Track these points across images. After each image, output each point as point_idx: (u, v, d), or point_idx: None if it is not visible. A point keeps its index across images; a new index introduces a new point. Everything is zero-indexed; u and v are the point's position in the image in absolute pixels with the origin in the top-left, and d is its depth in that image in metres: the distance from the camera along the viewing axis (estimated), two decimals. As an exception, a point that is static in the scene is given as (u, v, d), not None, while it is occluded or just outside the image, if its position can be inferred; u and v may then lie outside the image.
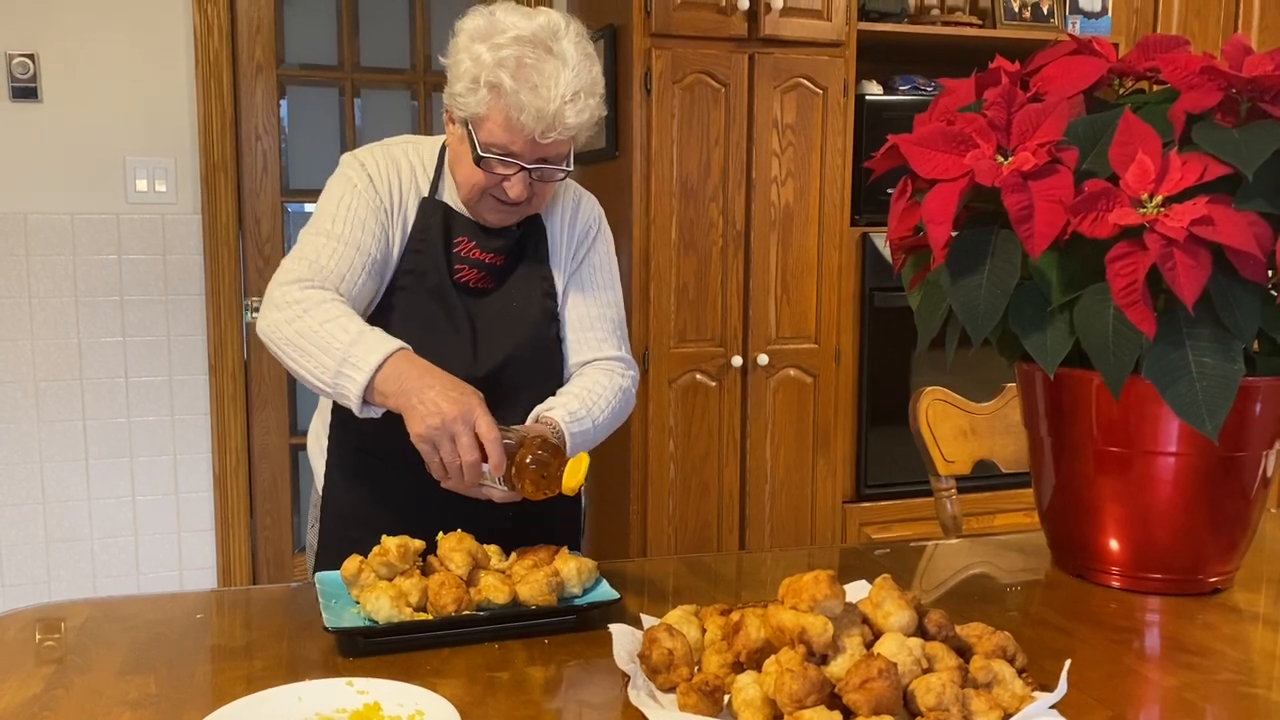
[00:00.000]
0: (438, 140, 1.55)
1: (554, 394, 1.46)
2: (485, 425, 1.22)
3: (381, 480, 1.50)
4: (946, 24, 3.16)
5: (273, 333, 1.35)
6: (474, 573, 1.18)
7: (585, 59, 1.38)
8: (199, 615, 1.23)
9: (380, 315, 1.45)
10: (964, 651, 0.99)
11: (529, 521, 1.41)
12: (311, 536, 1.62)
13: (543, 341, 1.52)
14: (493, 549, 1.25)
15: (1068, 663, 0.94)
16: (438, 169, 1.51)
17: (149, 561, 3.13)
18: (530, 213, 1.50)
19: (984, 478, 2.34)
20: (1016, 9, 3.23)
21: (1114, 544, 1.31)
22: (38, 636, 1.15)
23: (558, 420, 1.37)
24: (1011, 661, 0.98)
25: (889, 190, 1.33)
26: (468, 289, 1.48)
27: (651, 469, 2.92)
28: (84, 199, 2.99)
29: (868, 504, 3.16)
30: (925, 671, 0.92)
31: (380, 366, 1.26)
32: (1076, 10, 3.29)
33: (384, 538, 1.19)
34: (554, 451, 1.22)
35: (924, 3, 3.24)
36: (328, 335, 1.30)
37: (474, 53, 1.36)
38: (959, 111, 1.27)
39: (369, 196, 1.45)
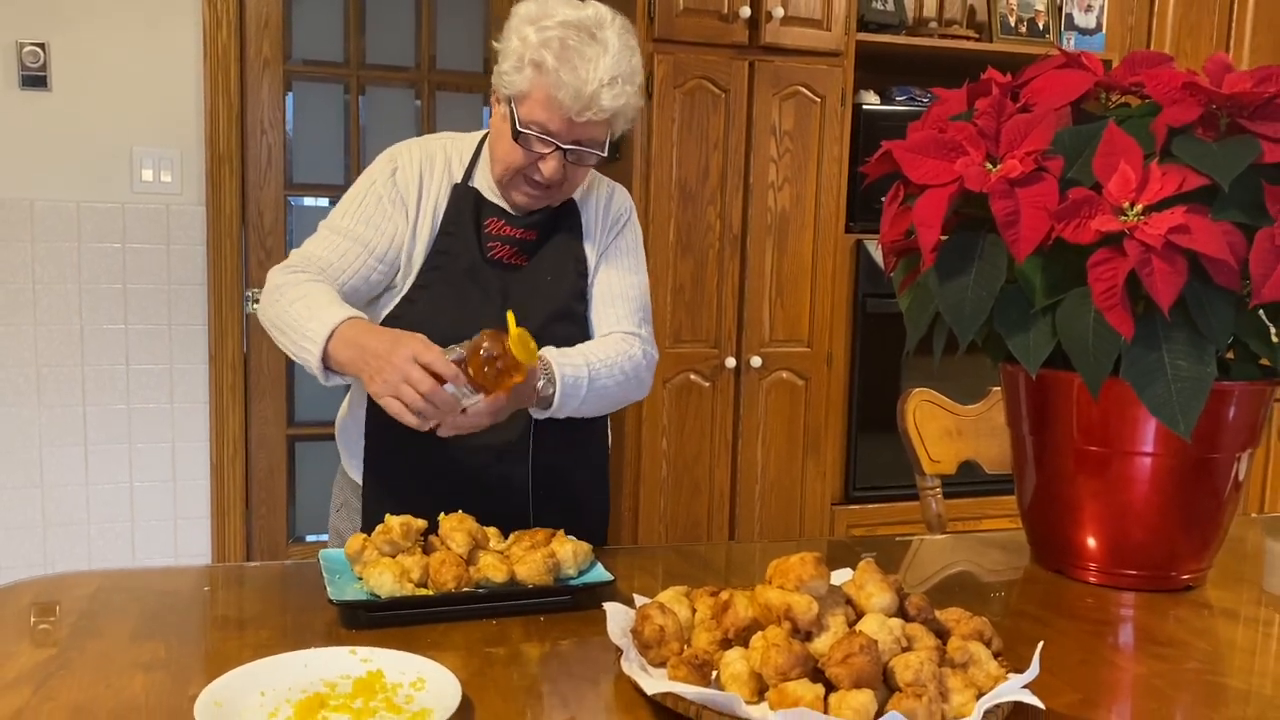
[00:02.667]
0: (478, 134, 1.62)
1: None
2: (423, 349, 1.27)
3: (423, 454, 1.50)
4: (944, 36, 3.22)
5: (260, 317, 1.45)
6: (474, 552, 1.22)
7: (627, 49, 1.45)
8: (205, 588, 1.27)
9: (415, 295, 1.52)
10: (942, 634, 1.03)
11: (558, 497, 1.53)
12: (337, 520, 1.66)
13: (573, 316, 1.57)
14: (492, 531, 1.29)
15: (1040, 644, 0.98)
16: (474, 158, 1.58)
17: (145, 547, 3.17)
18: (558, 199, 1.55)
19: (969, 482, 2.38)
20: (1013, 23, 3.29)
21: (1091, 541, 1.36)
22: (50, 603, 1.19)
23: (545, 353, 1.43)
24: (988, 645, 1.03)
25: (883, 199, 1.37)
26: (501, 264, 1.54)
27: (644, 466, 2.97)
28: (90, 187, 3.03)
29: (856, 506, 3.21)
30: (905, 650, 0.96)
31: (330, 336, 1.34)
32: (1072, 26, 3.35)
33: (387, 516, 1.23)
34: (494, 338, 1.27)
35: (922, 15, 3.29)
36: (294, 314, 1.38)
37: (523, 34, 1.44)
38: (950, 120, 1.31)
39: (386, 191, 1.52)
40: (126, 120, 3.04)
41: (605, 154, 1.49)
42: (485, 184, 1.56)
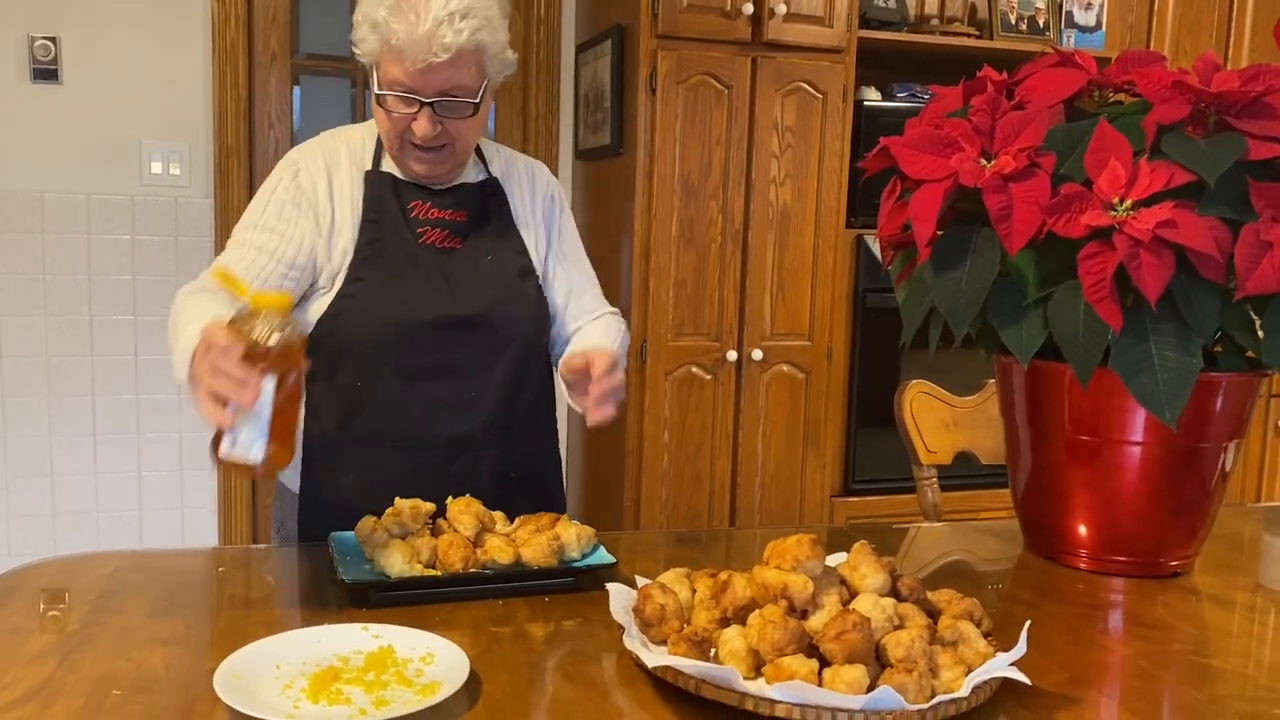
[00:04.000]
0: (372, 120, 1.58)
1: (548, 345, 1.60)
2: (216, 332, 1.09)
3: (364, 465, 1.50)
4: (945, 34, 3.25)
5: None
6: (481, 535, 1.26)
7: None
8: (220, 568, 1.31)
9: (352, 290, 1.48)
10: (933, 614, 1.06)
11: (515, 488, 1.53)
12: (278, 544, 1.59)
13: (522, 294, 1.56)
14: (498, 515, 1.32)
15: (1027, 623, 1.02)
16: (377, 145, 1.55)
17: (153, 536, 3.21)
18: (459, 161, 1.52)
19: (966, 475, 2.42)
20: (1013, 21, 3.32)
21: (1082, 528, 1.39)
22: (71, 582, 1.23)
23: (606, 345, 1.50)
24: (978, 625, 1.06)
25: (882, 194, 1.41)
26: (435, 249, 1.52)
27: (646, 458, 3.00)
28: (100, 180, 3.07)
29: (855, 498, 3.24)
30: (896, 628, 0.99)
31: (190, 364, 1.18)
32: (1072, 24, 3.37)
33: (397, 499, 1.27)
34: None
35: (924, 12, 3.32)
36: (172, 334, 1.32)
37: (365, 4, 1.43)
38: (947, 117, 1.35)
39: (289, 196, 1.49)
40: (136, 113, 3.07)
41: (479, 102, 1.44)
42: (395, 167, 1.54)
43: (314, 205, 1.49)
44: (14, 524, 3.10)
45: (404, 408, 1.49)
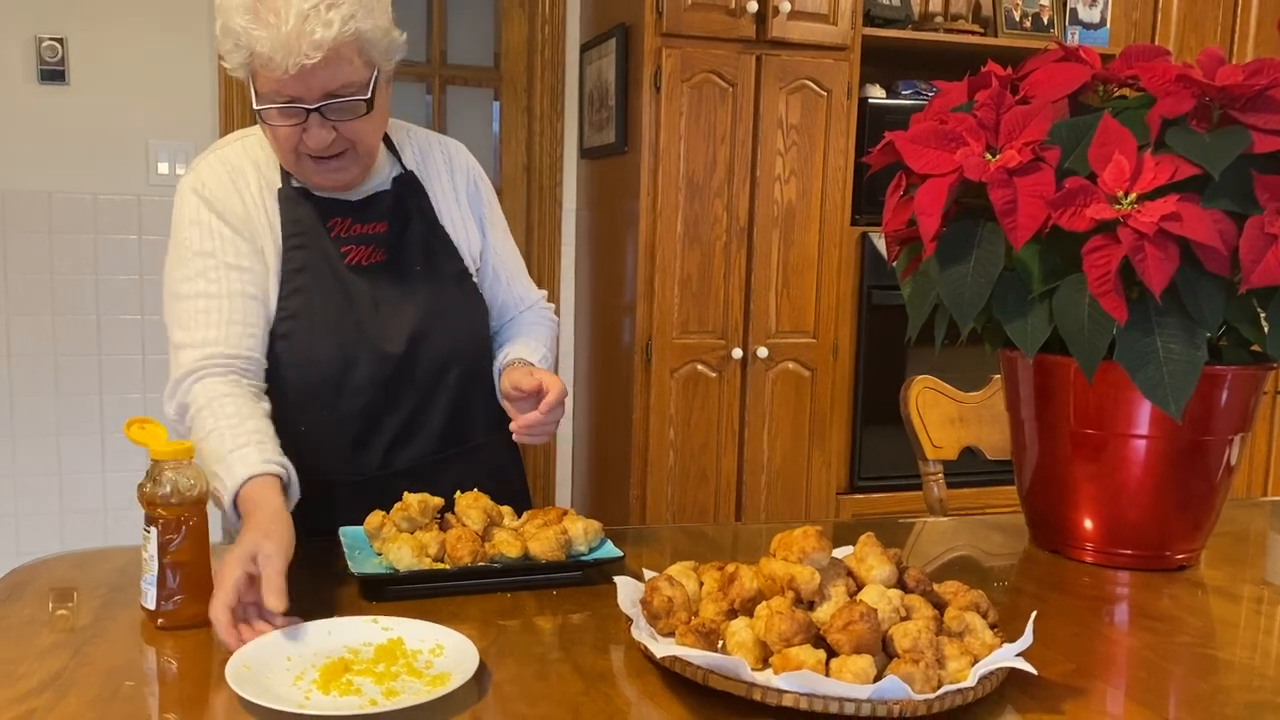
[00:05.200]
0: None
1: (484, 364, 1.51)
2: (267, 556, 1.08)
3: (326, 502, 1.40)
4: (949, 31, 3.25)
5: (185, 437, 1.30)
6: (489, 529, 1.26)
7: None
8: (230, 564, 1.31)
9: (285, 329, 1.39)
10: (940, 606, 1.07)
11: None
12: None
13: (459, 306, 1.48)
14: (506, 509, 1.33)
15: (1033, 614, 1.02)
16: None
17: (160, 534, 3.21)
18: (363, 164, 1.38)
19: (972, 472, 2.42)
20: (1018, 18, 3.32)
21: (1088, 521, 1.39)
22: (81, 577, 1.24)
23: (531, 360, 1.47)
24: (984, 616, 1.07)
25: (888, 190, 1.41)
26: (362, 269, 1.41)
27: (652, 456, 3.01)
28: (107, 180, 3.08)
29: (861, 495, 3.25)
30: (903, 619, 1.00)
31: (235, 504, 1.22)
32: (1076, 21, 3.38)
33: (405, 494, 1.27)
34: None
35: (928, 10, 3.33)
36: (203, 455, 1.24)
37: (220, 12, 1.28)
38: (951, 112, 1.35)
39: (215, 226, 1.36)
40: (143, 114, 3.09)
41: (370, 96, 1.30)
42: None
43: (238, 231, 1.37)
44: (23, 522, 3.12)
45: (354, 446, 1.43)
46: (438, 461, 1.48)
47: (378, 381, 1.41)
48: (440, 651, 1.02)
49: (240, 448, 1.23)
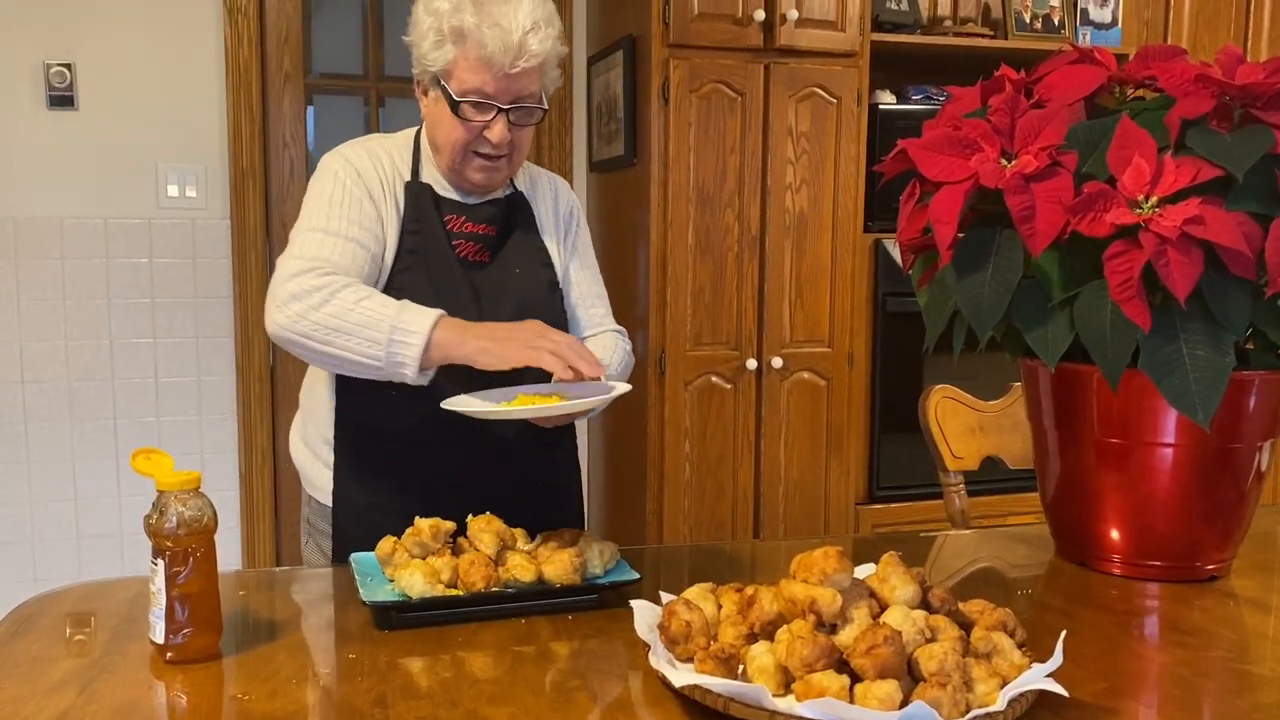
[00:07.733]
0: (409, 131, 1.62)
1: None
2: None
3: (397, 467, 1.53)
4: (959, 35, 3.22)
5: (297, 322, 1.35)
6: (502, 553, 1.24)
7: None
8: (240, 592, 1.29)
9: (389, 293, 1.45)
10: (966, 626, 1.04)
11: (537, 495, 1.53)
12: (310, 551, 1.63)
13: (547, 308, 1.57)
14: (519, 531, 1.31)
15: (1063, 634, 1.00)
16: (415, 155, 1.57)
17: (176, 558, 3.20)
18: (512, 171, 1.56)
19: (993, 480, 2.39)
20: (1028, 20, 3.29)
21: (1114, 533, 1.36)
22: (91, 609, 1.22)
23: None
24: (1011, 635, 1.04)
25: (901, 197, 1.39)
26: (468, 263, 1.54)
27: (668, 469, 2.98)
28: (117, 204, 3.08)
29: (880, 505, 3.21)
30: (928, 641, 0.97)
31: (433, 329, 1.34)
32: (1087, 22, 3.34)
33: (417, 519, 1.25)
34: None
35: (937, 14, 3.30)
36: (367, 311, 1.34)
37: (432, 7, 1.44)
38: (965, 117, 1.33)
39: (358, 192, 1.49)
40: (152, 137, 3.09)
41: (546, 106, 1.50)
42: (434, 179, 1.56)
43: (376, 201, 1.51)
44: (39, 548, 3.11)
45: (435, 414, 1.44)
46: (514, 447, 1.54)
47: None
48: None
49: (407, 305, 1.36)
